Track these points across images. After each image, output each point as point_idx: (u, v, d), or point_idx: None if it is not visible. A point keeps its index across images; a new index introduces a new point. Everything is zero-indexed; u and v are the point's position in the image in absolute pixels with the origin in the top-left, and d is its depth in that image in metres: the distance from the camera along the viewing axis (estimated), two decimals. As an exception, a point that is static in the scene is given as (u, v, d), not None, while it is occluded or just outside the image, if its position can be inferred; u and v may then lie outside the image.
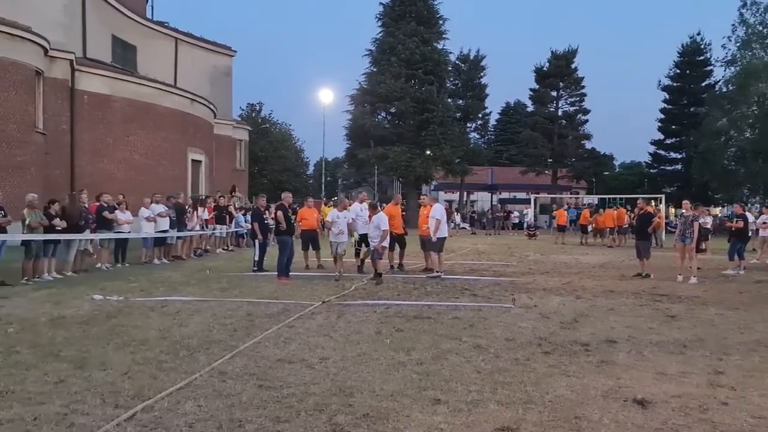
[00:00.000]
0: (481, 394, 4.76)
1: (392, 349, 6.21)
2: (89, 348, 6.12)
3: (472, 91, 47.50)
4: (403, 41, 38.65)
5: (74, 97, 22.87)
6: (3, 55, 18.96)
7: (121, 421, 4.08)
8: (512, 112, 72.47)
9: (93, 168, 23.27)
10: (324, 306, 8.86)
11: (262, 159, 52.27)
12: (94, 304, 8.84)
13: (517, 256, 18.67)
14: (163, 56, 31.88)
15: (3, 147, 18.84)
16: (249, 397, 4.62)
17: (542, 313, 8.46)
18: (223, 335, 6.80)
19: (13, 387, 4.81)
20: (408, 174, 40.05)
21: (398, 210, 14.21)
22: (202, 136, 29.63)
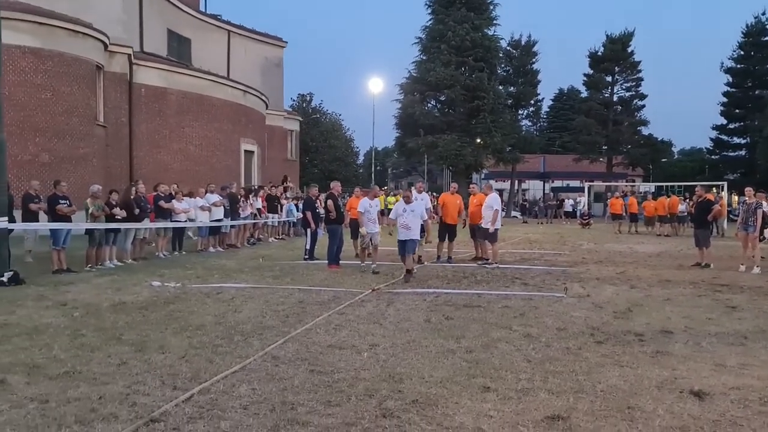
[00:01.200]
0: (531, 382, 4.73)
1: (442, 336, 6.22)
2: (149, 332, 6.36)
3: (523, 78, 46.64)
4: (453, 28, 38.28)
5: (132, 91, 23.62)
6: (67, 51, 19.73)
7: (179, 402, 4.23)
8: (565, 99, 70.95)
9: (150, 159, 24.03)
10: (374, 294, 8.93)
11: (312, 149, 52.85)
12: (152, 290, 9.16)
13: (569, 245, 18.34)
14: (216, 49, 32.52)
15: (67, 139, 19.65)
16: (301, 381, 4.72)
17: (595, 302, 8.30)
18: (276, 321, 6.95)
19: (79, 367, 5.05)
20: (458, 162, 39.78)
21: (454, 199, 13.57)
22: (255, 127, 30.14)
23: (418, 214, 10.58)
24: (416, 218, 10.55)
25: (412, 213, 10.50)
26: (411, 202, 10.71)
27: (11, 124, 16.97)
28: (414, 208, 10.58)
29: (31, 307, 7.71)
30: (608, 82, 47.59)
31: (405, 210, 10.62)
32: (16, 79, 18.29)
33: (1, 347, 5.68)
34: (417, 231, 10.62)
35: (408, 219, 10.49)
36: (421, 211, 10.66)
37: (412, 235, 10.47)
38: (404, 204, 10.74)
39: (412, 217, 10.49)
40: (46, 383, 4.64)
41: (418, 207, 10.65)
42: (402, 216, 10.56)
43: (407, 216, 10.52)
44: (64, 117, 19.54)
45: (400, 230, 10.50)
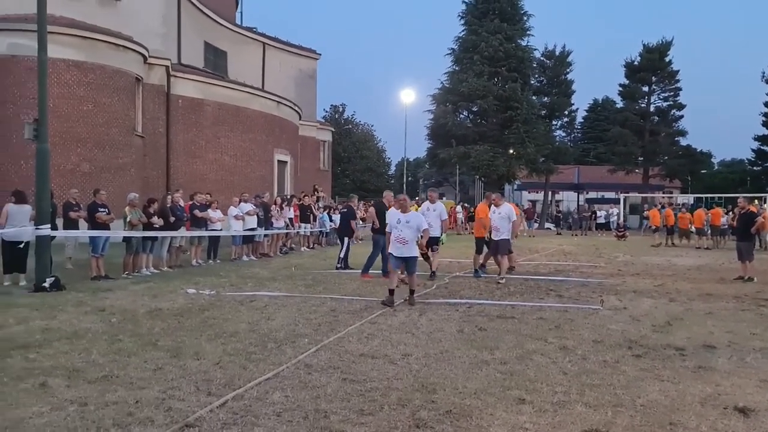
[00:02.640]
0: (568, 395, 4.64)
1: (475, 347, 6.15)
2: (184, 338, 6.43)
3: (557, 88, 46.17)
4: (486, 39, 38.17)
5: (170, 102, 24.11)
6: (108, 63, 20.26)
7: (214, 407, 4.27)
8: (600, 109, 70.09)
9: (187, 168, 24.46)
10: (406, 303, 8.89)
11: (344, 159, 53.20)
12: (188, 297, 9.28)
13: (605, 258, 18.02)
14: (251, 61, 33.03)
15: (107, 149, 20.14)
16: (334, 390, 4.71)
17: (633, 315, 8.12)
18: (308, 329, 6.97)
19: (116, 372, 5.14)
20: (490, 173, 39.51)
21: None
22: (288, 138, 30.46)
23: (414, 227, 8.80)
24: (413, 231, 8.81)
25: (407, 225, 8.78)
26: (407, 212, 8.99)
27: (54, 134, 17.43)
28: (410, 219, 8.84)
29: (71, 312, 7.88)
30: (645, 92, 46.82)
31: (399, 221, 8.86)
32: (60, 92, 18.85)
33: (43, 351, 5.81)
34: (414, 245, 8.93)
35: (404, 232, 8.80)
36: (419, 223, 8.90)
37: (409, 251, 8.81)
38: (399, 214, 8.98)
39: (407, 230, 8.79)
40: (85, 387, 4.73)
41: (414, 219, 8.90)
42: (396, 228, 8.86)
43: (402, 228, 8.83)
44: (104, 128, 20.04)
45: (395, 245, 8.80)
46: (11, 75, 18.82)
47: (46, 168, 10.11)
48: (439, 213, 12.05)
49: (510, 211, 12.09)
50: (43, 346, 5.98)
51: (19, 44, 18.68)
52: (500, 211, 12.04)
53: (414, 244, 8.92)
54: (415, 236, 8.88)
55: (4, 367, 5.24)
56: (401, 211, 8.98)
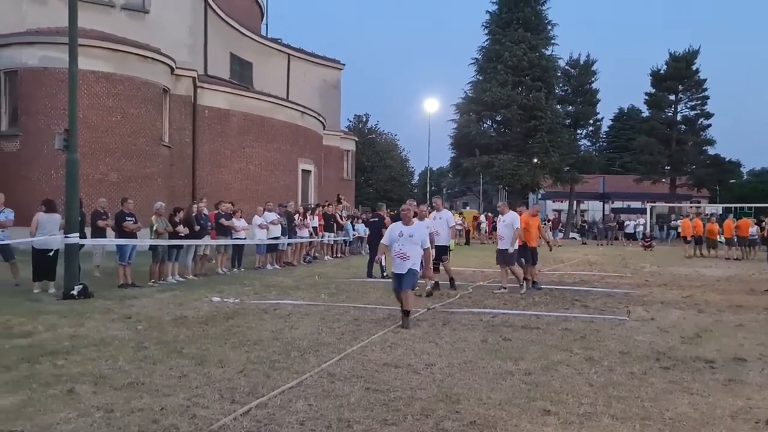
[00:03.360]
0: (594, 407, 4.56)
1: (499, 358, 6.10)
2: (208, 346, 6.48)
3: (582, 97, 45.90)
4: (510, 48, 38.14)
5: (196, 112, 24.45)
6: (136, 74, 20.63)
7: (238, 415, 4.28)
8: (626, 118, 69.39)
9: (212, 178, 24.74)
10: (429, 313, 8.86)
11: (368, 168, 53.33)
12: (212, 305, 9.36)
13: (631, 268, 17.76)
14: (276, 71, 33.37)
15: (134, 159, 20.47)
16: (357, 399, 4.70)
17: (660, 326, 7.98)
18: (332, 338, 6.98)
19: (142, 379, 5.19)
20: (514, 182, 39.35)
21: (536, 221, 12.40)
22: (312, 147, 30.66)
23: (417, 241, 7.92)
24: (415, 246, 7.91)
25: (410, 239, 7.88)
26: (411, 224, 8.09)
27: (84, 145, 17.76)
28: (413, 233, 7.93)
29: (98, 319, 7.99)
30: (671, 101, 46.28)
31: (402, 234, 7.94)
32: (90, 103, 19.22)
33: (71, 357, 5.89)
34: (417, 260, 7.95)
35: (406, 247, 7.88)
36: (423, 236, 8.05)
37: (410, 265, 7.85)
38: (401, 226, 8.09)
39: (410, 245, 7.89)
40: (112, 393, 4.78)
41: (418, 231, 8.02)
42: (398, 242, 7.92)
43: (404, 242, 7.90)
44: (132, 138, 20.38)
45: (395, 260, 7.93)
46: (43, 87, 19.26)
47: (75, 177, 10.30)
48: (446, 220, 11.71)
49: (515, 219, 11.70)
50: (71, 353, 6.07)
51: (50, 57, 19.12)
52: (504, 220, 11.80)
53: (417, 259, 7.91)
54: (419, 251, 7.93)
55: (33, 374, 5.33)
56: (403, 223, 8.07)
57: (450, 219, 11.94)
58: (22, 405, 4.48)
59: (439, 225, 11.44)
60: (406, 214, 8.18)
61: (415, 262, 7.87)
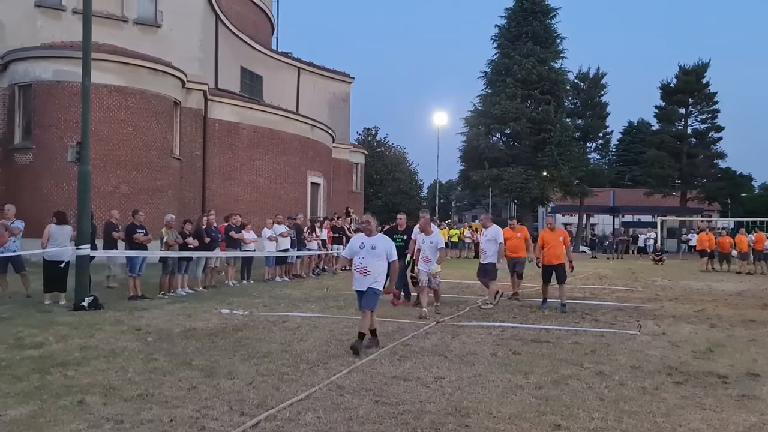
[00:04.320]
0: (605, 422, 4.52)
1: (509, 371, 6.06)
2: (217, 358, 6.48)
3: (591, 110, 45.87)
4: (519, 62, 38.23)
5: (207, 125, 24.62)
6: (148, 88, 20.84)
7: (247, 428, 4.28)
8: (635, 131, 69.24)
9: (222, 191, 24.86)
10: (438, 326, 8.83)
11: (377, 181, 53.38)
12: (221, 317, 9.37)
13: (642, 282, 17.64)
14: (286, 85, 33.60)
15: (145, 172, 20.62)
16: (366, 412, 4.69)
17: (672, 341, 7.91)
18: (341, 351, 6.96)
19: (151, 390, 5.20)
20: (523, 196, 39.27)
21: (555, 235, 11.24)
22: (321, 160, 30.77)
23: (381, 253, 7.12)
24: (378, 259, 7.13)
25: (372, 252, 7.10)
26: (373, 235, 7.32)
27: (95, 157, 17.86)
28: (376, 245, 7.14)
29: (108, 331, 8.02)
30: (682, 114, 46.14)
31: (363, 246, 7.19)
32: (102, 116, 19.39)
33: (81, 369, 5.92)
34: (380, 277, 7.13)
35: (367, 260, 7.10)
36: (388, 249, 7.22)
37: (371, 282, 7.03)
38: (363, 238, 7.34)
39: (372, 258, 7.11)
40: (121, 404, 4.79)
41: (382, 243, 7.21)
42: (359, 255, 7.18)
43: (365, 255, 7.13)
44: (143, 150, 20.54)
45: (355, 275, 7.20)
46: (56, 100, 19.48)
47: (87, 189, 10.39)
48: (436, 243, 10.24)
49: (497, 234, 11.35)
50: (81, 364, 6.10)
51: (63, 70, 19.37)
52: (487, 234, 11.48)
53: (379, 276, 7.11)
54: (382, 266, 7.18)
55: (44, 384, 5.35)
56: (366, 235, 7.33)
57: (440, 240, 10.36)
58: (32, 416, 4.50)
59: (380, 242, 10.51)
60: (366, 226, 7.37)
61: (376, 280, 7.04)
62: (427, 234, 10.28)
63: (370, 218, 7.46)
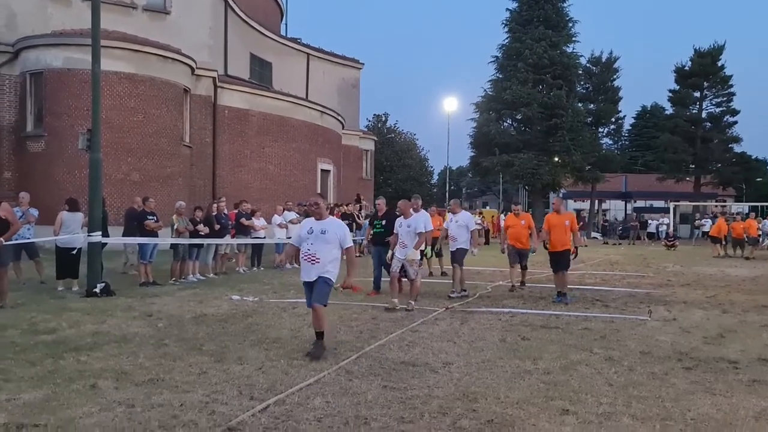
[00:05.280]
0: (614, 407, 4.51)
1: (518, 357, 6.06)
2: (228, 344, 6.53)
3: (604, 95, 45.38)
4: (530, 46, 37.85)
5: (216, 112, 24.66)
6: (157, 75, 20.87)
7: (256, 412, 4.31)
8: (648, 116, 68.49)
9: (232, 178, 24.93)
10: (447, 312, 8.84)
11: (387, 168, 53.25)
12: (232, 303, 9.43)
13: (653, 268, 17.54)
14: (295, 71, 33.52)
15: (155, 159, 20.71)
16: (374, 397, 4.71)
17: (682, 327, 7.87)
18: (350, 337, 6.99)
19: (162, 375, 5.25)
20: (534, 182, 39.04)
21: (562, 220, 10.29)
22: (331, 147, 30.75)
23: (332, 239, 6.21)
24: (329, 246, 6.21)
25: (322, 237, 6.20)
26: (324, 218, 6.37)
27: (106, 145, 17.97)
28: (326, 229, 6.23)
29: (120, 317, 8.10)
30: (696, 98, 45.56)
31: (312, 231, 6.27)
32: (112, 103, 19.47)
33: (93, 354, 5.98)
34: (331, 266, 6.20)
35: (316, 246, 6.19)
36: (341, 234, 6.29)
37: (320, 271, 6.13)
38: (312, 222, 6.39)
39: (321, 244, 6.19)
40: (133, 389, 4.84)
41: (333, 228, 6.29)
42: (307, 241, 6.28)
43: (314, 241, 6.22)
44: (153, 138, 20.61)
45: (303, 264, 6.30)
46: (67, 88, 19.56)
47: (98, 177, 10.46)
48: (424, 222, 9.59)
49: (469, 220, 11.00)
50: (93, 349, 6.17)
51: (74, 58, 19.42)
52: (458, 219, 10.90)
53: (330, 264, 6.18)
54: (334, 254, 6.25)
55: (57, 369, 5.42)
56: (315, 219, 6.38)
57: (428, 221, 9.71)
58: (45, 399, 4.56)
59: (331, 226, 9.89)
60: (316, 209, 6.37)
61: (326, 268, 6.12)
62: (406, 217, 9.49)
63: (319, 200, 6.43)
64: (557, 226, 10.23)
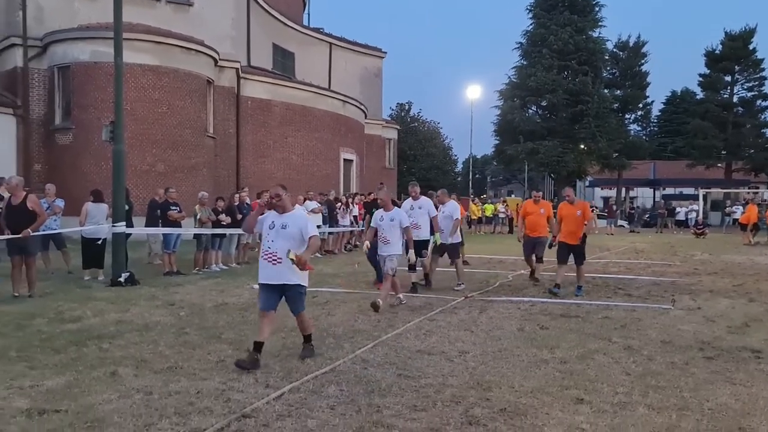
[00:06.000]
0: (630, 396, 4.47)
1: (535, 346, 6.02)
2: (246, 332, 6.60)
3: (631, 80, 44.59)
4: (555, 32, 37.33)
5: (239, 103, 24.80)
6: (181, 67, 21.06)
7: (270, 399, 4.37)
8: (678, 101, 66.99)
9: (256, 168, 25.10)
10: (467, 301, 8.81)
11: (410, 157, 53.12)
12: (253, 293, 9.49)
13: (680, 256, 17.24)
14: (318, 61, 33.53)
15: (180, 150, 20.94)
16: (388, 385, 4.73)
17: (707, 316, 7.73)
18: (367, 326, 7.02)
19: (181, 363, 5.34)
20: (560, 169, 38.63)
21: (574, 210, 9.63)
22: (354, 137, 30.75)
23: (294, 236, 5.48)
24: (294, 242, 5.46)
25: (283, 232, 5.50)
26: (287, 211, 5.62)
27: (132, 136, 18.34)
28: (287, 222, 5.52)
29: (143, 305, 8.25)
30: (727, 82, 44.47)
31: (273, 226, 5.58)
32: (137, 95, 19.73)
33: (115, 342, 6.11)
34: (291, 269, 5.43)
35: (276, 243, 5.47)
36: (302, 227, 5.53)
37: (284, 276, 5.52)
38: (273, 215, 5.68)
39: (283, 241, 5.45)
40: (151, 376, 4.93)
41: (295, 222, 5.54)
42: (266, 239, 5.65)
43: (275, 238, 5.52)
44: (177, 129, 20.84)
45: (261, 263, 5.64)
46: (93, 81, 19.86)
47: (121, 168, 10.61)
48: (427, 210, 9.69)
49: (454, 209, 10.44)
50: (115, 338, 6.29)
51: (100, 51, 19.66)
52: (444, 210, 10.31)
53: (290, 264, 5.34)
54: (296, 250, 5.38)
55: (80, 356, 5.54)
56: (278, 212, 5.62)
57: (431, 208, 9.74)
58: (68, 386, 4.67)
59: (417, 216, 9.60)
60: (277, 200, 5.57)
61: (292, 272, 5.47)
62: (387, 210, 8.61)
63: (281, 190, 5.57)
64: (569, 217, 9.58)
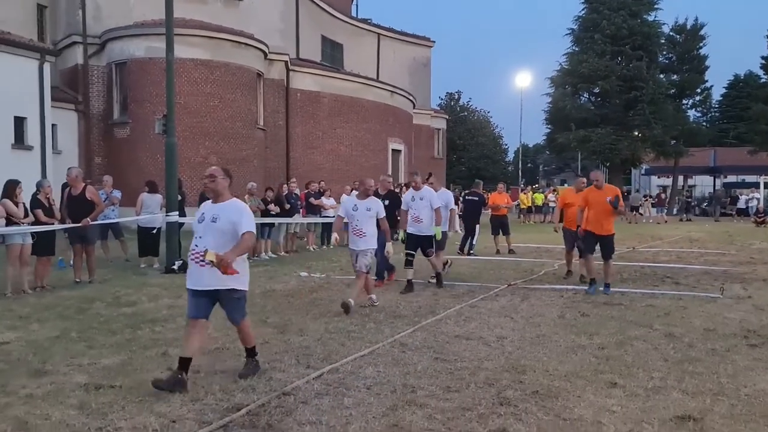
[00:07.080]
0: (665, 381, 4.46)
1: (573, 332, 6.04)
2: (291, 317, 6.84)
3: (688, 65, 42.94)
4: (608, 16, 36.34)
5: (289, 95, 25.24)
6: (232, 60, 21.58)
7: (310, 379, 4.56)
8: (741, 85, 64.22)
9: (305, 159, 25.53)
10: (509, 289, 8.84)
11: (459, 147, 52.83)
12: (300, 280, 9.80)
13: (737, 245, 16.67)
14: (366, 52, 33.70)
15: (231, 142, 21.50)
16: (424, 367, 4.85)
17: (756, 305, 7.54)
18: (408, 311, 7.16)
19: (227, 345, 5.60)
20: (613, 157, 37.71)
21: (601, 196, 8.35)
22: (402, 127, 30.84)
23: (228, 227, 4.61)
24: (225, 239, 4.58)
25: (213, 226, 4.63)
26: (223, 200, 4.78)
27: (185, 129, 18.96)
28: (218, 215, 4.65)
29: (194, 291, 8.59)
30: (792, 65, 42.39)
31: (203, 219, 4.72)
32: (190, 89, 20.34)
33: (167, 325, 6.45)
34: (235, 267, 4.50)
35: (206, 240, 4.58)
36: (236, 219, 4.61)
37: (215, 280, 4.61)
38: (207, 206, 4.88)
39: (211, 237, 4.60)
40: (200, 357, 5.17)
41: (228, 212, 4.64)
42: (196, 233, 4.73)
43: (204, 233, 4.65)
44: (229, 122, 21.39)
45: (192, 266, 4.76)
46: (148, 76, 20.57)
47: (173, 160, 11.04)
48: (429, 202, 8.93)
49: (449, 200, 10.01)
50: (168, 321, 6.63)
51: (154, 47, 20.30)
52: (422, 197, 9.04)
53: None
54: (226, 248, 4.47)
55: (135, 338, 5.88)
56: (212, 200, 4.83)
57: (433, 199, 8.98)
58: (122, 364, 4.99)
59: (419, 207, 8.90)
60: (211, 184, 4.73)
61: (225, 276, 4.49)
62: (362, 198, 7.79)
63: (217, 171, 4.78)
64: (597, 204, 8.34)
